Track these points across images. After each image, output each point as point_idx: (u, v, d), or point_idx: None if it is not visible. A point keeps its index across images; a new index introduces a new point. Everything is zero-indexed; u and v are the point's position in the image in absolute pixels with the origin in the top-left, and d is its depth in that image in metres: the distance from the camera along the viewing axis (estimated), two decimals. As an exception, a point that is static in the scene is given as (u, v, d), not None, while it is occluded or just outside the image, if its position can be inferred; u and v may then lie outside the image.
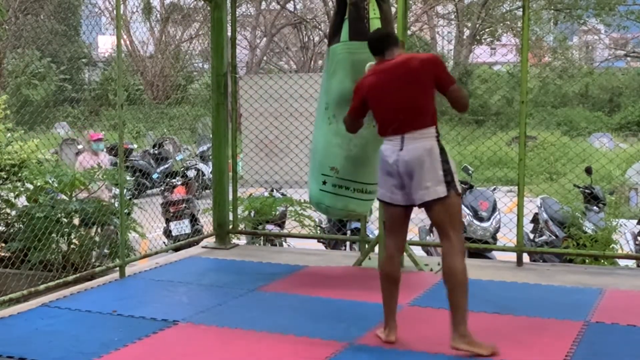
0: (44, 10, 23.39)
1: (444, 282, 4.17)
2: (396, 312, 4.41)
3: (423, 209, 4.28)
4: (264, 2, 28.37)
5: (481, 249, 7.17)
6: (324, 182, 5.66)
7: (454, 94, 4.26)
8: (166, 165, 14.92)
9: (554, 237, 7.63)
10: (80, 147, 16.39)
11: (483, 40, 31.18)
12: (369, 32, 5.31)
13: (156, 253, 7.54)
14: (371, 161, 5.39)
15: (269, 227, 8.22)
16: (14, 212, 8.05)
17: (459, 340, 4.10)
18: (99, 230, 7.94)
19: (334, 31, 5.69)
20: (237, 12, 8.50)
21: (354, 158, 5.58)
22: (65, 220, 7.53)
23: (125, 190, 7.31)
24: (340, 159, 5.59)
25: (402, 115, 4.22)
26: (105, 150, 10.74)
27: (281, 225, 8.45)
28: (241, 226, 7.96)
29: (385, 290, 4.38)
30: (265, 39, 28.98)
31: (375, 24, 5.47)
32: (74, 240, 7.67)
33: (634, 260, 7.07)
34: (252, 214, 8.27)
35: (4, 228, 7.99)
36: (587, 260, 6.83)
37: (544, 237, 7.85)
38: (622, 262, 6.92)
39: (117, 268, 6.30)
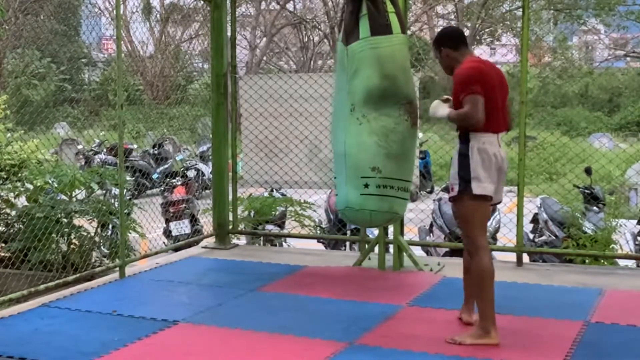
0: (44, 10, 23.37)
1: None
2: None
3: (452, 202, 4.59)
4: (263, 2, 28.39)
5: (481, 249, 7.15)
6: (366, 185, 5.22)
7: None
8: (166, 166, 14.91)
9: (554, 237, 7.63)
10: (80, 147, 16.40)
11: (483, 41, 31.18)
12: (390, 26, 5.23)
13: (156, 253, 7.53)
14: (409, 157, 5.32)
15: (269, 227, 8.22)
16: (14, 212, 8.05)
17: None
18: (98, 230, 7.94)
19: (350, 30, 5.39)
20: (237, 12, 8.50)
21: (395, 155, 5.21)
22: (65, 220, 7.54)
23: (125, 191, 7.31)
24: (381, 157, 5.19)
25: (502, 115, 4.42)
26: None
27: (281, 225, 8.45)
28: (241, 226, 7.96)
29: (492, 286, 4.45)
30: (265, 39, 28.98)
31: (392, 18, 5.27)
32: (74, 240, 7.67)
33: (634, 260, 7.08)
34: (252, 214, 8.28)
35: (4, 228, 7.99)
36: (587, 261, 6.83)
37: (543, 237, 7.85)
38: (622, 262, 6.93)
39: (117, 268, 6.31)
